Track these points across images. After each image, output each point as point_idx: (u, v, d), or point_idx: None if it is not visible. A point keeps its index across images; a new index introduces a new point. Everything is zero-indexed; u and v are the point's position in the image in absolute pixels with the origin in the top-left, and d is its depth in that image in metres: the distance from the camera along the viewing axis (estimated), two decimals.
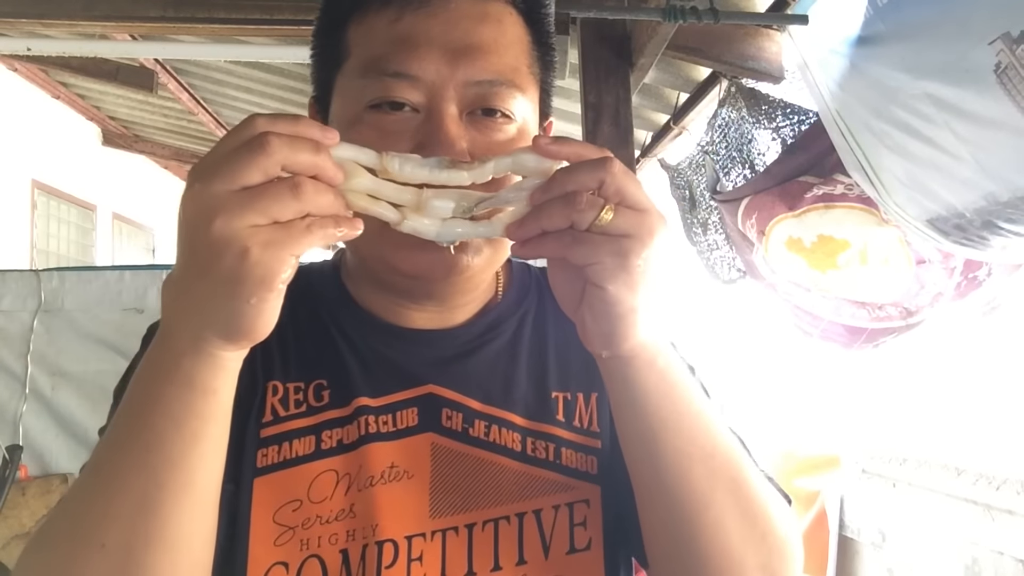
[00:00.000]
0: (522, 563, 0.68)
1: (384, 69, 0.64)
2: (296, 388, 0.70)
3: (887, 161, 1.78)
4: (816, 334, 2.68)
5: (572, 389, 0.75)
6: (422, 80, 0.64)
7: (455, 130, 0.64)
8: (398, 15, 0.65)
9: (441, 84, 0.64)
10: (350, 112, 0.66)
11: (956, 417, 2.76)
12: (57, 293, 2.40)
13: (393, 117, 0.64)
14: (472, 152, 0.64)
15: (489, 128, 0.66)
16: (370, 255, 0.69)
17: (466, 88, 0.65)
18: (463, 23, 0.65)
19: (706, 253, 3.12)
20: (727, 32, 2.35)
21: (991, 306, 2.19)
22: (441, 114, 0.64)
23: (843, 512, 2.89)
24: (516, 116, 0.67)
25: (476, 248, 0.66)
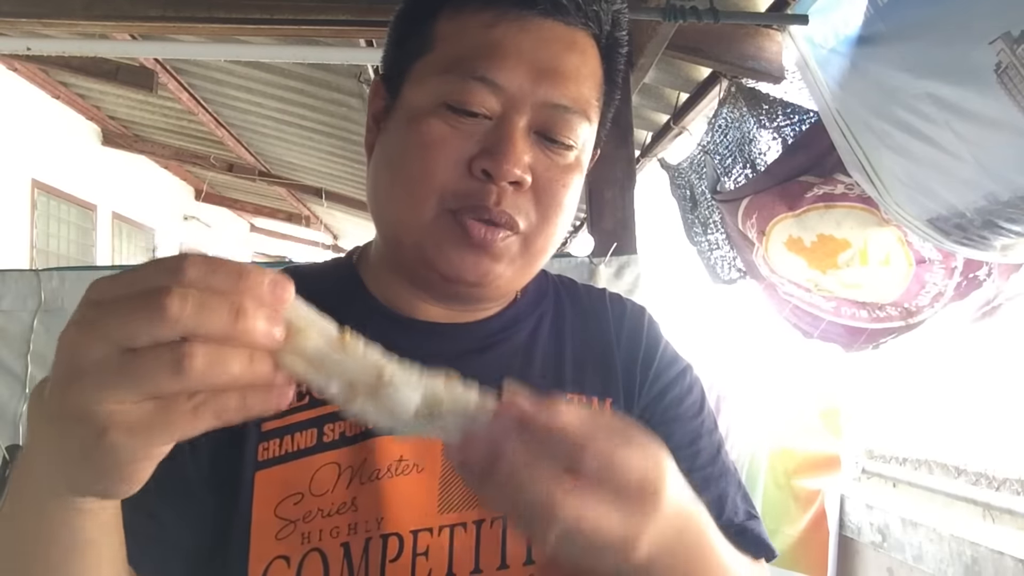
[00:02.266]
0: (530, 563, 0.67)
1: (470, 71, 0.65)
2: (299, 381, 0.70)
3: (887, 161, 1.78)
4: (816, 334, 2.68)
5: (587, 392, 0.75)
6: (504, 90, 0.65)
7: (522, 144, 0.65)
8: (494, 21, 0.66)
9: (520, 98, 0.66)
10: (424, 102, 0.67)
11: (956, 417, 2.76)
12: (57, 293, 2.39)
13: (466, 120, 0.66)
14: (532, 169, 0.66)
15: (552, 153, 0.68)
16: (408, 248, 0.69)
17: (542, 108, 0.66)
18: (553, 45, 0.67)
19: (707, 253, 3.12)
20: (727, 32, 2.35)
21: (991, 306, 2.19)
22: (513, 125, 0.65)
23: (843, 512, 2.89)
24: (577, 145, 0.69)
25: (511, 259, 0.68)
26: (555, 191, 0.68)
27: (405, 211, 0.68)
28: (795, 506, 3.03)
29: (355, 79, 3.58)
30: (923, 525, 2.40)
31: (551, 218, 0.69)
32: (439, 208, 0.66)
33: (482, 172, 0.65)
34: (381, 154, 0.72)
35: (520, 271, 0.70)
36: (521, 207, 0.67)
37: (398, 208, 0.69)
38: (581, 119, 0.68)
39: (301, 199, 7.73)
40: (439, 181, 0.66)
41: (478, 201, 0.65)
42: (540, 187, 0.67)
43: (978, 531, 2.26)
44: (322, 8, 2.40)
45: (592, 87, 0.70)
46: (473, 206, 0.65)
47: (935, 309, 2.25)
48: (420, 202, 0.66)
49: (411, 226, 0.67)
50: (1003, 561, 2.03)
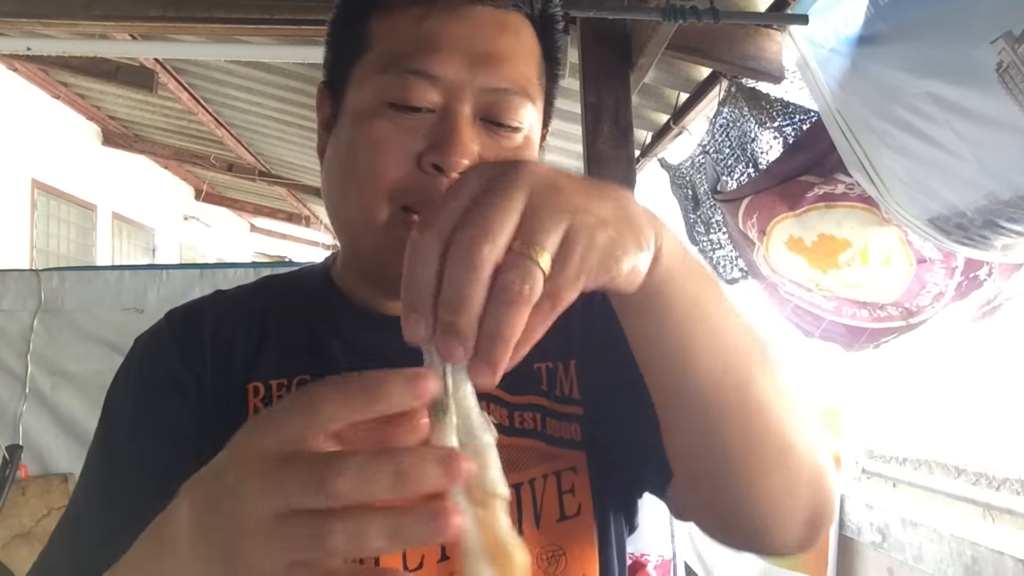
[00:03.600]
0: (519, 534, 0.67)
1: (406, 66, 0.65)
2: (279, 385, 0.70)
3: (888, 160, 1.78)
4: (817, 334, 2.68)
5: (552, 359, 0.75)
6: (442, 80, 0.65)
7: (469, 132, 0.65)
8: (424, 15, 0.66)
9: (460, 86, 0.65)
10: (366, 104, 0.67)
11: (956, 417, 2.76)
12: (57, 293, 2.39)
13: (409, 116, 0.66)
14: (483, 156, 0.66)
15: (499, 136, 0.68)
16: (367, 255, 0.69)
17: (482, 94, 0.66)
18: (485, 30, 0.67)
19: (709, 252, 3.12)
20: (727, 32, 2.35)
21: (992, 306, 2.19)
22: (457, 115, 0.65)
23: (843, 512, 2.88)
24: (524, 126, 0.69)
25: None
26: None
27: (358, 215, 0.67)
28: None
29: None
30: (923, 525, 2.39)
31: None
32: (392, 208, 0.66)
33: (432, 167, 0.64)
34: (331, 160, 0.72)
35: None
36: None
37: (351, 213, 0.69)
38: (524, 99, 0.68)
39: (301, 199, 7.73)
40: (389, 179, 0.65)
41: (431, 194, 0.64)
42: None
43: (978, 531, 2.25)
44: (322, 8, 2.40)
45: (531, 66, 0.70)
46: (427, 201, 0.65)
47: (936, 309, 2.25)
48: (373, 204, 0.66)
49: (366, 230, 0.67)
50: (1003, 561, 2.03)
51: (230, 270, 2.43)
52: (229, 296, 0.78)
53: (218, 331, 0.73)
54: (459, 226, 0.40)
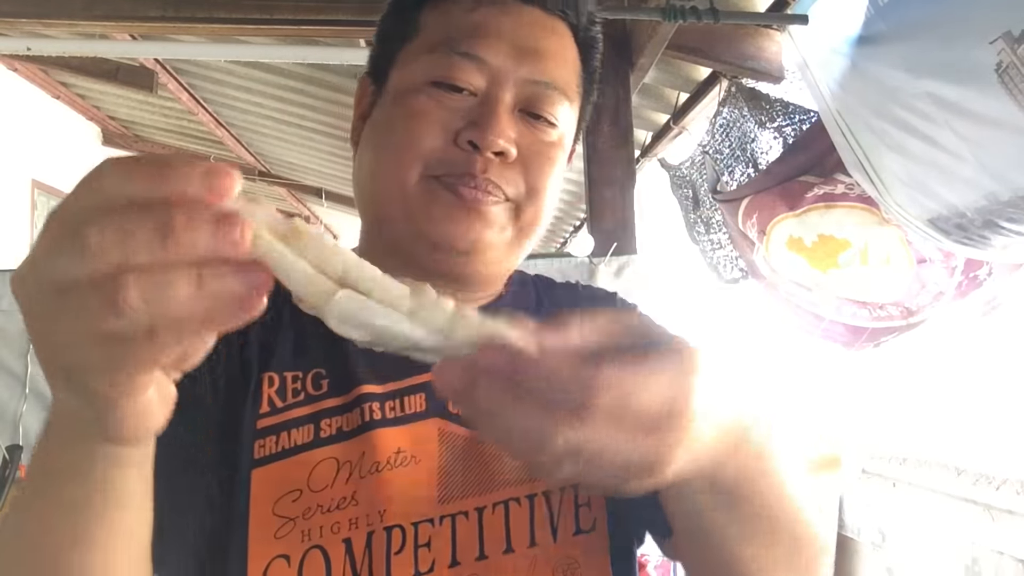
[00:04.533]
0: (534, 545, 0.67)
1: (454, 47, 0.68)
2: (295, 377, 0.69)
3: (888, 160, 1.78)
4: (817, 334, 2.68)
5: None
6: (488, 65, 0.68)
7: (507, 117, 0.68)
8: (475, 6, 0.70)
9: (504, 73, 0.68)
10: (411, 81, 0.69)
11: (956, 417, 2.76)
12: None
13: (451, 96, 0.68)
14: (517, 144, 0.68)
15: (536, 128, 0.70)
16: (397, 220, 0.70)
17: (524, 85, 0.69)
18: (533, 28, 0.70)
19: (709, 252, 3.12)
20: (727, 32, 2.35)
21: (991, 306, 2.19)
22: (498, 99, 0.68)
23: (843, 512, 2.88)
24: (560, 124, 0.71)
25: (502, 226, 0.69)
26: (541, 164, 0.70)
27: (390, 181, 0.69)
28: None
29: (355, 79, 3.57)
30: (923, 525, 2.40)
31: (539, 189, 0.70)
32: (423, 175, 0.67)
33: (468, 143, 0.66)
34: (367, 139, 0.74)
35: (511, 244, 0.71)
36: (507, 178, 0.68)
37: (383, 180, 0.70)
38: (562, 97, 0.71)
39: (301, 199, 7.73)
40: (425, 149, 0.67)
41: (464, 169, 0.66)
42: (526, 160, 0.69)
43: (978, 531, 2.26)
44: (322, 8, 2.40)
45: (571, 72, 0.73)
46: (459, 174, 0.67)
47: (936, 308, 2.25)
48: (405, 169, 0.67)
49: (396, 195, 0.68)
50: (1003, 561, 2.03)
51: None
52: None
53: None
54: None
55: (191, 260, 0.34)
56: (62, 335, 0.36)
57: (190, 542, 0.63)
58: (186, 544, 0.63)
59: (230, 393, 0.67)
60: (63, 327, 0.35)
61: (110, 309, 0.33)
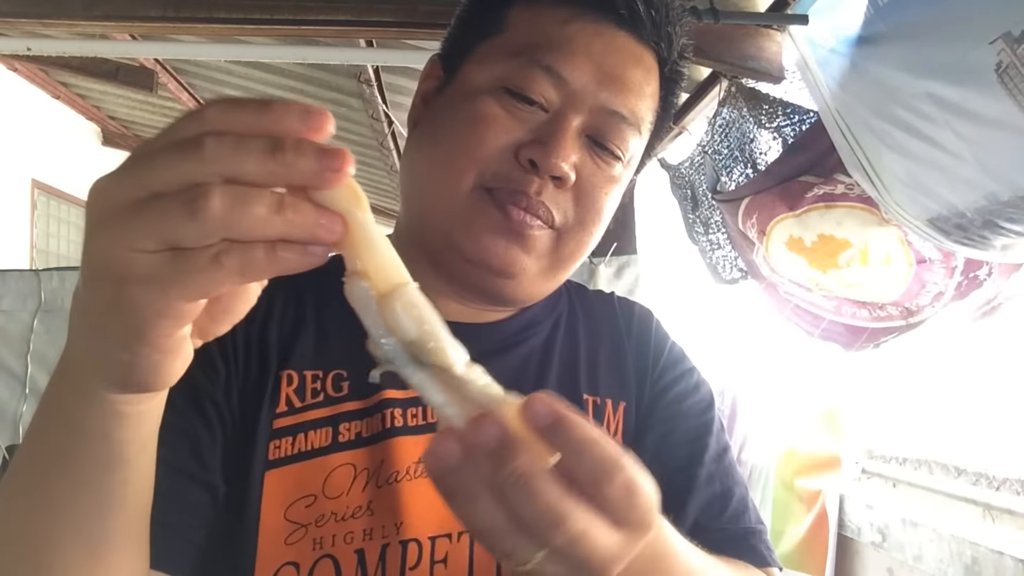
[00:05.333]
0: None
1: (538, 58, 0.65)
2: (314, 377, 0.66)
3: (887, 161, 1.78)
4: (817, 334, 2.68)
5: (601, 395, 0.74)
6: (567, 84, 0.65)
7: (573, 142, 0.65)
8: (569, 18, 0.66)
9: (581, 96, 0.65)
10: (484, 81, 0.66)
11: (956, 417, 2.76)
12: (57, 293, 2.39)
13: (522, 107, 0.65)
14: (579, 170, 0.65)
15: (599, 160, 0.68)
16: (438, 225, 0.67)
17: (598, 112, 0.66)
18: (622, 55, 0.67)
19: (708, 252, 3.12)
20: (727, 32, 2.35)
21: (991, 305, 2.19)
22: (568, 121, 0.65)
23: (843, 512, 2.88)
24: (624, 159, 0.69)
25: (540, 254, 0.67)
26: (596, 196, 0.68)
27: (441, 181, 0.66)
28: (799, 507, 3.03)
29: (355, 79, 3.58)
30: (923, 525, 2.39)
31: (587, 222, 0.68)
32: (476, 184, 0.65)
33: (528, 161, 0.64)
34: (427, 127, 0.71)
35: (546, 272, 0.69)
36: (560, 204, 0.66)
37: (434, 178, 0.67)
38: (634, 132, 0.68)
39: None
40: (483, 157, 0.64)
41: (519, 187, 0.64)
42: (582, 189, 0.67)
43: (978, 531, 2.26)
44: (322, 8, 2.40)
45: (649, 107, 0.70)
46: (512, 191, 0.64)
47: (936, 308, 2.25)
48: (459, 174, 0.65)
49: (444, 200, 0.66)
50: (1003, 561, 2.03)
51: None
52: None
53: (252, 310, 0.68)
54: None
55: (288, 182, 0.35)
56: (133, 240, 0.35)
57: (196, 543, 0.61)
58: (192, 544, 0.61)
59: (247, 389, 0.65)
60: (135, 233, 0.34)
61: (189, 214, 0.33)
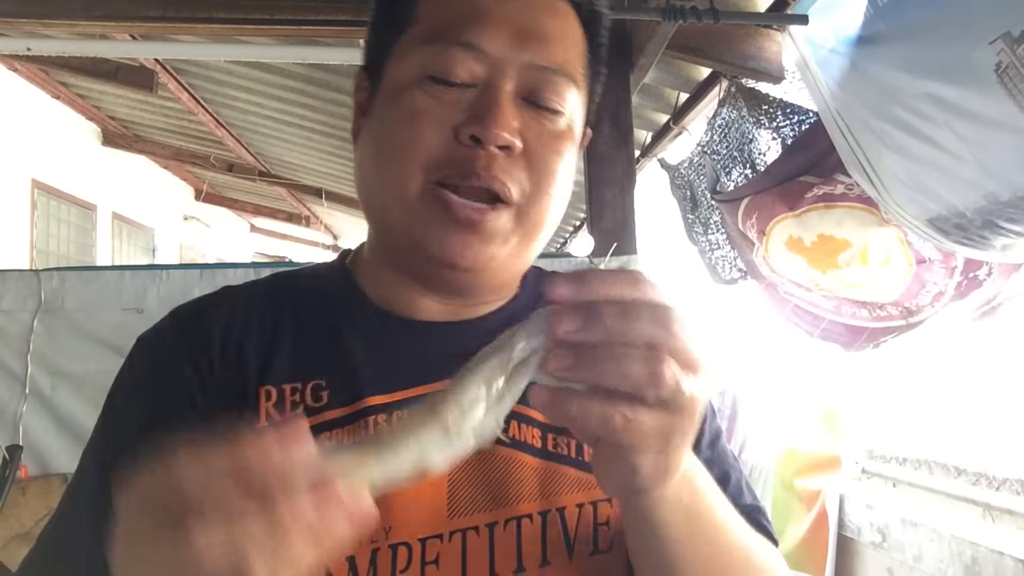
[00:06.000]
0: (546, 564, 0.64)
1: (453, 37, 0.64)
2: (293, 389, 0.66)
3: (887, 161, 1.78)
4: (817, 334, 2.68)
5: None
6: (488, 54, 0.64)
7: (510, 108, 0.63)
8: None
9: (505, 61, 0.64)
10: (407, 76, 0.65)
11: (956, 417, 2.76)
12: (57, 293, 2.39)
13: (450, 90, 0.64)
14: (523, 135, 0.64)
15: (540, 117, 0.66)
16: (397, 231, 0.67)
17: (527, 71, 0.65)
18: (535, 10, 0.66)
19: (707, 253, 3.12)
20: (727, 32, 2.35)
21: (991, 306, 2.19)
22: (500, 89, 0.63)
23: (843, 512, 2.88)
24: (566, 112, 0.67)
25: (504, 238, 0.65)
26: (548, 158, 0.66)
27: (391, 187, 0.65)
28: (799, 507, 3.03)
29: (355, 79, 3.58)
30: (923, 525, 2.40)
31: (545, 187, 0.66)
32: (425, 182, 0.63)
33: (470, 138, 0.62)
34: (365, 137, 0.70)
35: (516, 251, 0.67)
36: (513, 174, 0.64)
37: (384, 186, 0.66)
38: (568, 83, 0.66)
39: (301, 199, 7.73)
40: (424, 150, 0.63)
41: (467, 168, 0.62)
42: (532, 153, 0.65)
43: (978, 531, 2.26)
44: (322, 8, 2.41)
45: (576, 54, 0.69)
46: (462, 173, 0.63)
47: (935, 308, 2.25)
48: (406, 175, 0.64)
49: (397, 204, 0.65)
50: (1003, 561, 2.03)
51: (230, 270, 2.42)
52: (239, 292, 0.74)
53: (228, 329, 0.68)
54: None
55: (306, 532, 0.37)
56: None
57: None
58: None
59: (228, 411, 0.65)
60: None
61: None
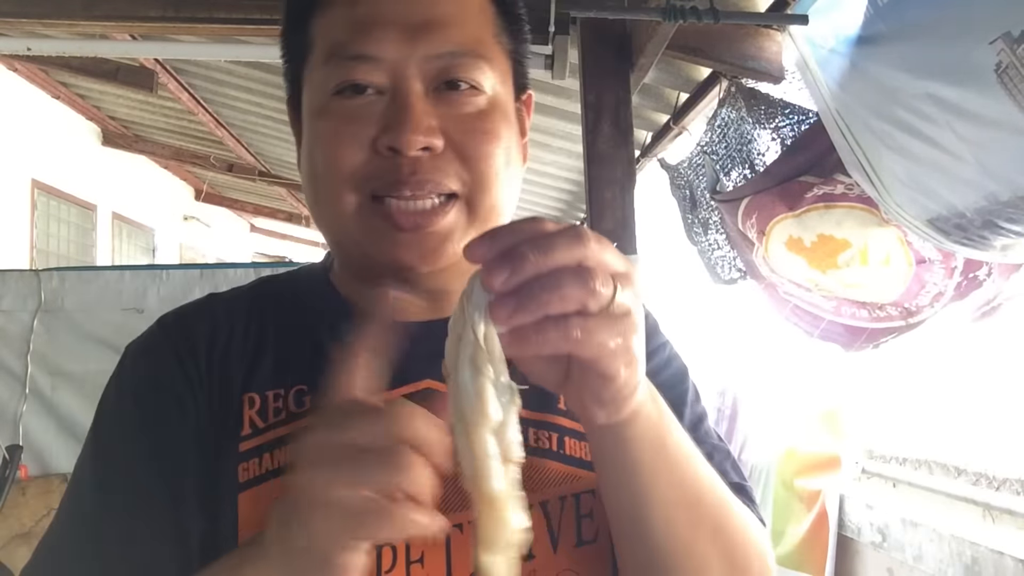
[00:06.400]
0: (530, 558, 0.64)
1: (344, 53, 0.63)
2: (276, 396, 0.67)
3: (887, 161, 1.78)
4: (816, 334, 2.68)
5: None
6: (383, 60, 0.63)
7: (421, 107, 0.62)
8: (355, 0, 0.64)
9: (402, 62, 0.63)
10: (316, 102, 0.65)
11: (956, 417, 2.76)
12: (57, 293, 2.39)
13: (357, 102, 0.63)
14: (444, 128, 0.63)
15: (457, 102, 0.64)
16: (348, 247, 0.68)
17: (428, 63, 0.63)
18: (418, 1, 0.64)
19: (707, 253, 3.12)
20: (727, 32, 2.35)
21: (991, 306, 2.19)
22: (406, 92, 0.62)
23: (843, 512, 2.88)
24: (485, 87, 0.65)
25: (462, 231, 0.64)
26: (476, 142, 0.64)
27: (329, 208, 0.66)
28: (799, 507, 3.03)
29: None
30: (923, 525, 2.40)
31: (485, 170, 0.64)
32: (361, 196, 0.64)
33: (388, 149, 0.62)
34: (302, 167, 0.70)
35: None
36: (444, 169, 0.63)
37: (323, 208, 0.67)
38: (475, 59, 0.65)
39: (301, 199, 7.73)
40: (348, 168, 0.63)
41: (393, 178, 0.62)
42: (458, 143, 0.64)
43: (978, 531, 2.26)
44: None
45: (480, 24, 0.67)
46: (389, 184, 0.62)
47: (935, 309, 2.25)
48: (338, 194, 0.64)
49: (340, 222, 0.65)
50: (1003, 561, 2.03)
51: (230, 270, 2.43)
52: (223, 300, 0.74)
53: (213, 338, 0.69)
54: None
55: None
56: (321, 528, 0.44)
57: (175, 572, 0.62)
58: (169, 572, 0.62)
59: (214, 421, 0.65)
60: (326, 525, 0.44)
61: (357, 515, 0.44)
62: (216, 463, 0.64)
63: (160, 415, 0.66)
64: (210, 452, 0.64)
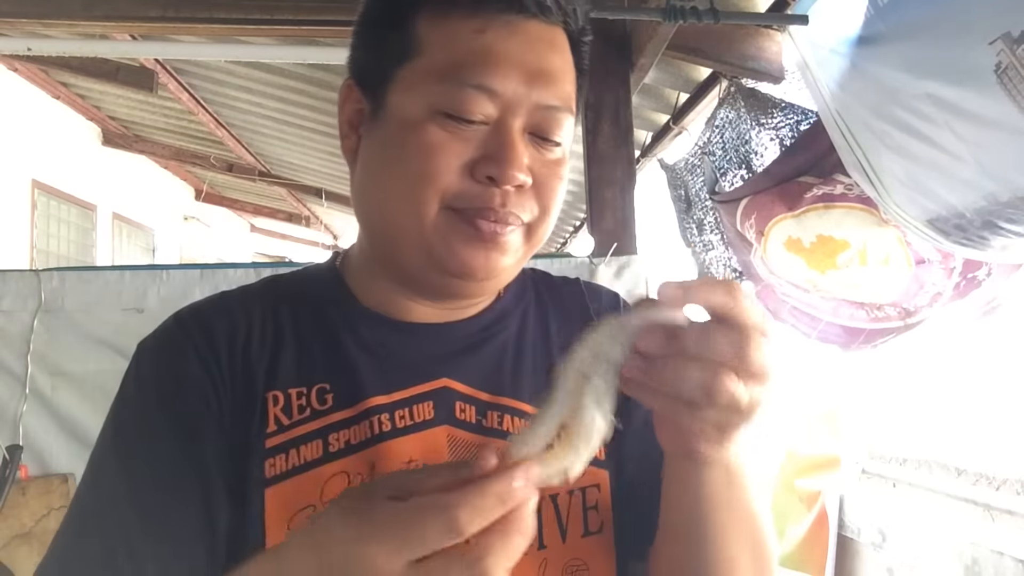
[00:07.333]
0: (542, 547, 0.70)
1: (467, 80, 0.66)
2: (299, 394, 0.70)
3: (887, 161, 1.78)
4: (814, 335, 2.68)
5: None
6: (501, 96, 0.66)
7: (522, 147, 0.67)
8: (483, 27, 0.67)
9: (517, 102, 0.67)
10: (419, 111, 0.67)
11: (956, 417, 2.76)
12: (57, 293, 2.39)
13: (464, 127, 0.67)
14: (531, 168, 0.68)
15: (544, 150, 0.70)
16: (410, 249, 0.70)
17: (536, 110, 0.68)
18: (539, 46, 0.69)
19: (701, 253, 3.12)
20: (727, 32, 2.35)
21: (991, 306, 2.19)
22: (512, 129, 0.67)
23: (843, 512, 2.88)
24: (564, 141, 0.72)
25: (515, 250, 0.70)
26: (552, 186, 0.71)
27: (406, 212, 0.68)
28: (799, 507, 3.03)
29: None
30: (923, 525, 2.40)
31: (550, 209, 0.72)
32: (441, 207, 0.67)
33: (487, 178, 0.66)
34: (372, 159, 0.71)
35: (519, 261, 0.73)
36: (524, 204, 0.69)
37: (397, 209, 0.69)
38: (568, 115, 0.71)
39: (301, 199, 7.73)
40: (442, 183, 0.66)
41: (483, 203, 0.67)
42: (539, 184, 0.70)
43: (978, 531, 2.26)
44: (322, 8, 2.41)
45: (572, 82, 0.72)
46: (477, 208, 0.67)
47: (934, 309, 2.25)
48: (422, 203, 0.67)
49: (413, 226, 0.68)
50: (1003, 561, 2.03)
51: (230, 270, 2.42)
52: (236, 298, 0.76)
53: (233, 336, 0.71)
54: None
55: None
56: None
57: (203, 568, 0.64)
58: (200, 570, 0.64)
59: (236, 417, 0.68)
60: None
61: None
62: (244, 459, 0.66)
63: (184, 411, 0.68)
64: (236, 448, 0.67)
